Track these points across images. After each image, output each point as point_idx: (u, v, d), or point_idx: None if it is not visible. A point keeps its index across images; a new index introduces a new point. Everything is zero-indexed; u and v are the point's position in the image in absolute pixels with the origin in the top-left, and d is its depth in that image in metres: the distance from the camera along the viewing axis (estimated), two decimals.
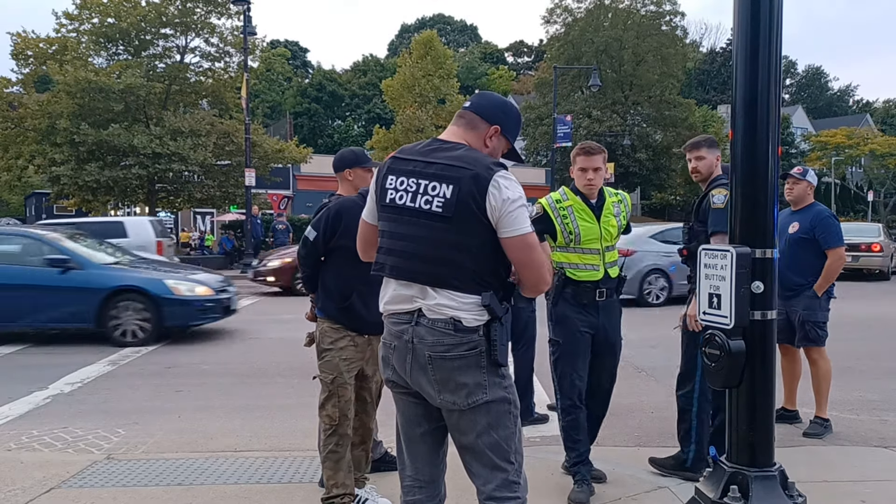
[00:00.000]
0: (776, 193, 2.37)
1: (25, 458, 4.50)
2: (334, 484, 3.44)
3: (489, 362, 2.22)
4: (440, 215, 2.20)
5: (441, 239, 2.21)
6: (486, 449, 2.26)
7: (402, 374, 2.30)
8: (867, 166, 53.53)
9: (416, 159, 2.31)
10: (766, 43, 2.30)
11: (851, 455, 4.60)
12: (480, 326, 2.21)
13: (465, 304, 2.20)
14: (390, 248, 2.32)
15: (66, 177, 21.58)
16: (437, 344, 2.21)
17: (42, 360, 7.93)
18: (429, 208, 2.22)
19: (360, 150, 3.99)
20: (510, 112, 2.43)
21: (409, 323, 2.26)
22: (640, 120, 44.03)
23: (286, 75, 66.50)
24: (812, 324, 4.97)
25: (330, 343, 3.49)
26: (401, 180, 2.29)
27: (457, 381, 2.21)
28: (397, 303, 2.31)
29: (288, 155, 25.29)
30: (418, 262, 2.24)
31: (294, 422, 5.38)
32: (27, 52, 23.28)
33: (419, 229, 2.24)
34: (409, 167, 2.29)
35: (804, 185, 5.13)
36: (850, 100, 79.91)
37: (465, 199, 2.17)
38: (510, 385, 2.30)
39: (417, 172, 2.26)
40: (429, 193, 2.22)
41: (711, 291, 2.30)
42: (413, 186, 2.26)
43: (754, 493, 2.23)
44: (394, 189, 2.30)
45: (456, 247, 2.20)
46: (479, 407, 2.23)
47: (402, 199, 2.28)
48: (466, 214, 2.18)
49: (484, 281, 2.21)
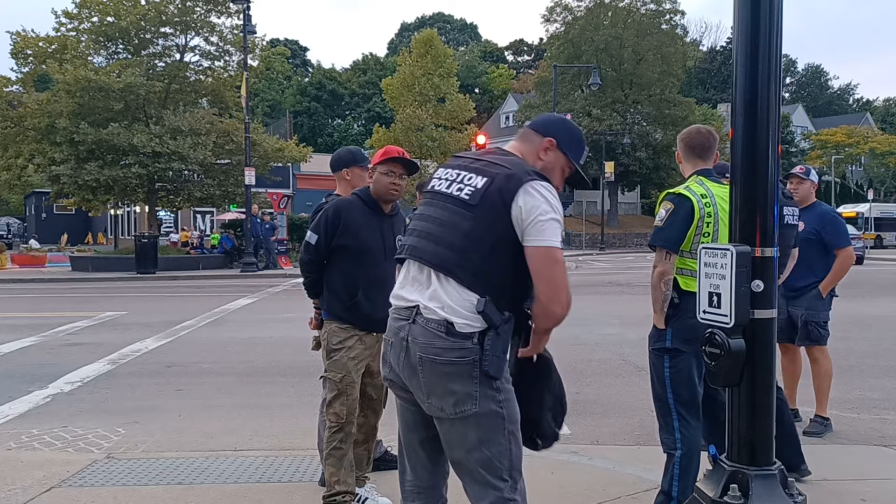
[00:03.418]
0: (776, 192, 2.37)
1: (25, 458, 4.50)
2: (336, 481, 3.43)
3: (482, 373, 2.13)
4: (465, 202, 2.19)
5: (459, 225, 2.18)
6: (478, 466, 2.18)
7: (398, 372, 2.27)
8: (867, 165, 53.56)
9: (467, 156, 2.36)
10: (767, 41, 2.29)
11: (852, 454, 4.60)
12: (475, 334, 2.13)
13: (461, 303, 2.14)
14: (414, 228, 2.34)
15: (65, 176, 21.60)
16: (427, 346, 2.15)
17: (42, 359, 7.93)
18: (458, 195, 2.22)
19: (357, 150, 3.99)
20: (568, 128, 2.39)
21: (407, 320, 2.21)
22: (641, 118, 44.04)
23: (286, 74, 66.53)
24: (815, 323, 4.96)
25: (338, 343, 3.48)
26: (447, 171, 2.33)
27: (445, 387, 2.15)
28: (405, 292, 2.27)
29: (288, 154, 25.31)
30: (432, 244, 2.22)
31: (294, 421, 5.37)
32: (27, 50, 23.32)
33: (444, 213, 2.24)
34: (459, 162, 2.34)
35: (808, 184, 5.12)
36: (850, 98, 79.92)
37: (493, 193, 2.15)
38: (505, 400, 2.20)
39: (463, 166, 2.30)
40: (463, 183, 2.24)
41: (711, 290, 2.30)
42: (454, 176, 2.29)
43: (754, 492, 2.23)
44: (438, 178, 2.35)
45: (470, 236, 2.16)
46: (467, 418, 2.15)
47: (439, 185, 2.31)
48: (490, 207, 2.15)
49: (488, 283, 2.14)
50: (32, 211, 49.39)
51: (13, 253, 27.15)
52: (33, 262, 24.74)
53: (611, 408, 5.72)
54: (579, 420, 5.35)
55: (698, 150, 3.48)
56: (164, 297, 14.92)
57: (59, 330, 9.87)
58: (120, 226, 41.30)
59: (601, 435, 5.00)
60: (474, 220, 2.16)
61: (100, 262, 22.47)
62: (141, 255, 20.51)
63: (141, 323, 10.59)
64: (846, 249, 4.95)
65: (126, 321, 10.93)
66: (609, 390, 5.98)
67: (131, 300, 14.30)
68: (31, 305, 13.89)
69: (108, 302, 13.67)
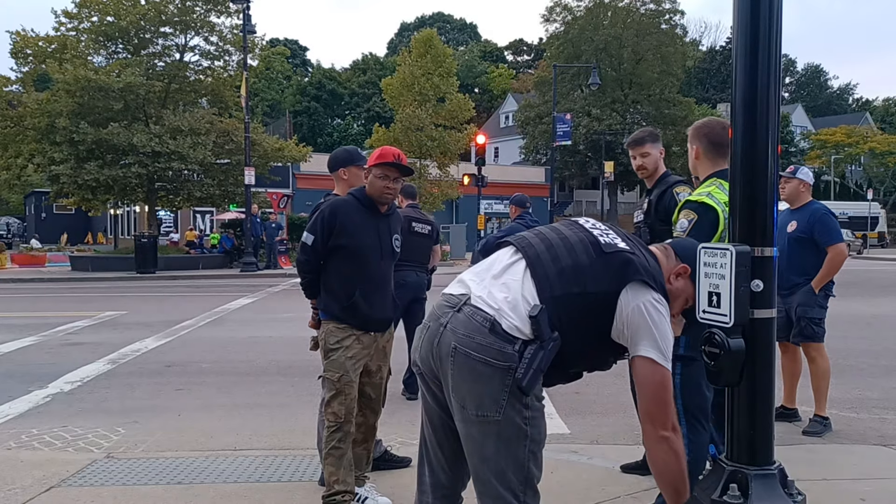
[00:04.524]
0: (776, 192, 2.37)
1: (25, 457, 4.50)
2: (335, 481, 3.43)
3: (514, 383, 2.04)
4: (598, 244, 2.17)
5: (579, 256, 2.15)
6: (492, 476, 2.11)
7: (428, 359, 2.19)
8: (866, 164, 53.56)
9: (622, 230, 2.35)
10: (766, 41, 2.29)
11: (851, 453, 4.60)
12: (518, 340, 2.05)
13: (522, 304, 2.07)
14: (537, 229, 2.33)
15: (65, 175, 21.57)
16: (466, 338, 2.06)
17: (41, 358, 7.93)
18: (596, 236, 2.21)
19: (354, 149, 3.99)
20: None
21: (453, 308, 2.15)
22: (640, 118, 44.07)
23: (286, 74, 66.54)
24: (808, 320, 4.97)
25: (336, 343, 3.49)
26: (599, 223, 2.33)
27: (471, 385, 2.07)
28: (462, 282, 2.24)
29: (287, 154, 25.29)
30: (544, 247, 2.18)
31: (294, 420, 5.38)
32: (26, 50, 23.28)
33: (573, 238, 2.21)
34: (614, 227, 2.34)
35: (795, 183, 5.15)
36: (850, 98, 79.93)
37: (621, 262, 2.12)
38: (533, 418, 2.11)
39: (615, 229, 2.30)
40: (607, 235, 2.23)
41: (711, 290, 2.30)
42: (601, 227, 2.29)
43: (754, 492, 2.23)
44: (586, 219, 2.36)
45: (578, 271, 2.12)
46: (488, 424, 2.07)
47: (585, 223, 2.32)
48: (609, 266, 2.12)
49: (559, 304, 2.07)
50: (32, 210, 49.35)
51: (13, 252, 27.15)
52: (33, 262, 24.74)
53: (611, 408, 5.72)
54: (579, 420, 5.36)
55: (725, 149, 3.06)
56: (163, 297, 14.92)
57: (59, 329, 9.87)
58: (120, 225, 41.29)
59: (601, 435, 5.00)
60: (594, 262, 2.13)
61: (99, 261, 22.47)
62: (141, 255, 20.50)
63: (141, 322, 10.59)
64: (837, 246, 4.98)
65: (126, 321, 10.93)
66: (609, 390, 5.98)
67: (131, 300, 14.30)
68: (30, 305, 13.90)
69: (107, 302, 13.67)
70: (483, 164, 27.54)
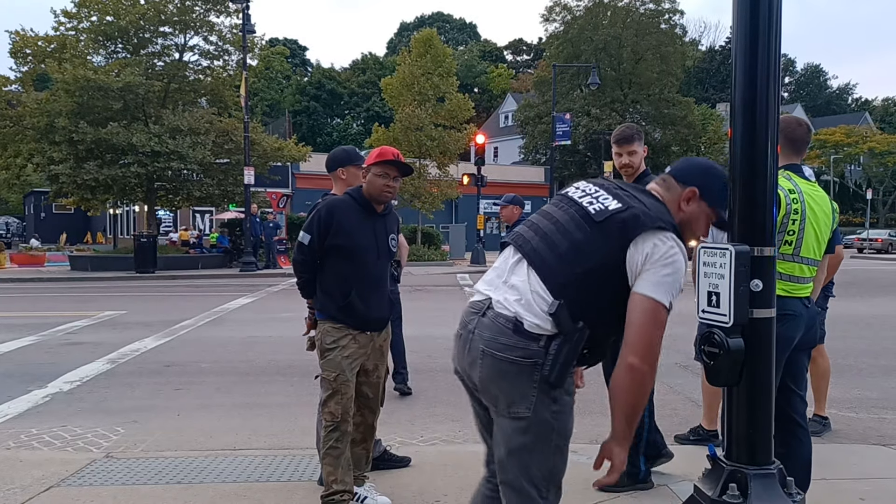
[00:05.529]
0: (775, 192, 2.37)
1: (24, 457, 4.50)
2: (334, 480, 3.43)
3: (542, 379, 2.07)
4: (589, 215, 2.14)
5: (573, 234, 2.13)
6: (515, 468, 2.13)
7: (461, 364, 2.23)
8: (866, 164, 53.57)
9: (614, 182, 2.31)
10: (766, 41, 2.29)
11: (850, 453, 4.60)
12: (543, 336, 2.06)
13: (537, 301, 2.08)
14: (530, 220, 2.31)
15: (64, 175, 21.56)
16: (492, 340, 2.10)
17: (41, 358, 7.93)
18: (586, 207, 2.17)
19: (352, 149, 3.99)
20: (712, 175, 2.31)
21: (478, 313, 2.17)
22: (640, 118, 44.08)
23: (285, 73, 66.52)
24: None
25: (332, 342, 3.48)
26: (587, 185, 2.29)
27: (500, 384, 2.11)
28: (482, 285, 2.25)
29: (287, 153, 25.28)
30: (538, 238, 2.18)
31: (293, 420, 5.38)
32: (26, 50, 23.27)
33: (564, 216, 2.19)
34: (603, 183, 2.29)
35: None
36: (849, 98, 79.98)
37: (618, 222, 2.09)
38: (560, 412, 2.14)
39: (605, 187, 2.25)
40: (598, 200, 2.19)
41: (710, 290, 2.30)
42: (591, 191, 2.24)
43: (753, 492, 2.23)
44: (576, 187, 2.31)
45: (578, 249, 2.10)
46: (518, 420, 2.10)
47: (573, 193, 2.28)
48: (608, 233, 2.09)
49: (573, 297, 2.06)
50: (31, 210, 49.35)
51: (12, 252, 27.14)
52: (32, 262, 24.73)
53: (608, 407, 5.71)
54: (579, 420, 5.31)
55: (798, 145, 3.16)
56: (163, 297, 14.92)
57: (58, 329, 9.87)
58: (119, 225, 41.29)
59: (601, 434, 4.98)
60: (589, 235, 2.11)
61: (99, 261, 22.47)
62: (140, 255, 20.51)
63: (140, 322, 10.59)
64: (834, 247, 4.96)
65: (125, 320, 10.93)
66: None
67: (130, 299, 14.30)
68: (30, 305, 13.89)
69: (107, 301, 13.67)
70: (482, 164, 27.54)
